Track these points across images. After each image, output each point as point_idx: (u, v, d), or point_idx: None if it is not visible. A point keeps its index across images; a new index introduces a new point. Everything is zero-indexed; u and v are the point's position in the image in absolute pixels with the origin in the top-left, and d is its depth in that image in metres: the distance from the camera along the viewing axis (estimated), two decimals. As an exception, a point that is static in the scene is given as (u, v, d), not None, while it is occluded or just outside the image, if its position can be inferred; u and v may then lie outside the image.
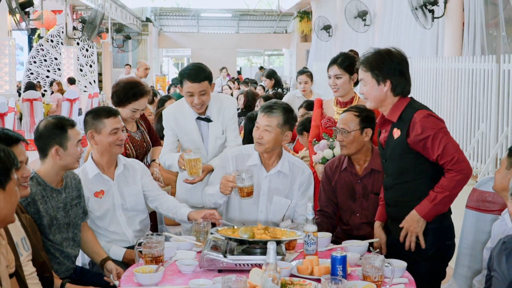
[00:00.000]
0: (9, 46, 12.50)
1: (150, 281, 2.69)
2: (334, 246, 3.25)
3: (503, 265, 2.42)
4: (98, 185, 3.61)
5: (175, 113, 4.01)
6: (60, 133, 3.19)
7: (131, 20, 22.95)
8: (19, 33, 15.13)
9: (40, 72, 16.93)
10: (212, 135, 3.98)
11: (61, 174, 3.28)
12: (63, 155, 3.18)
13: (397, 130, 3.12)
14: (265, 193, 3.61)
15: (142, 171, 3.79)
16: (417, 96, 10.79)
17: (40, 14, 11.27)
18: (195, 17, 29.83)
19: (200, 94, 3.84)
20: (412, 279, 2.81)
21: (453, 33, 9.82)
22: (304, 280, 2.67)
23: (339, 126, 3.67)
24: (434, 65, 10.02)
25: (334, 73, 4.15)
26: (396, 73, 3.15)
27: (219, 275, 2.77)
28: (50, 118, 3.32)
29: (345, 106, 4.17)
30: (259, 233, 2.96)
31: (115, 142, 3.55)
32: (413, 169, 3.11)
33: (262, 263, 2.58)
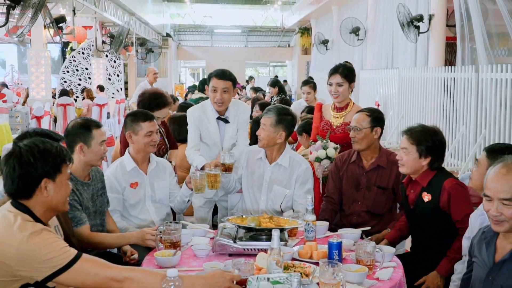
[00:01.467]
0: (45, 57, 12.54)
1: (169, 264, 2.69)
2: (331, 233, 3.25)
3: (483, 252, 2.41)
4: (134, 177, 3.68)
5: (199, 113, 4.06)
6: (85, 132, 3.22)
7: (153, 35, 22.97)
8: (54, 46, 15.16)
9: (73, 80, 16.95)
10: (227, 134, 4.06)
11: (87, 169, 3.30)
12: (87, 152, 3.21)
13: (427, 194, 3.18)
14: (267, 182, 3.72)
15: (170, 171, 3.89)
16: (407, 102, 10.76)
17: (72, 29, 11.30)
18: (209, 33, 29.88)
19: (223, 91, 3.93)
20: (400, 263, 2.80)
21: (437, 46, 9.80)
22: (304, 263, 2.67)
23: (352, 124, 3.72)
24: (420, 74, 9.99)
25: (336, 81, 4.15)
26: (437, 151, 3.22)
27: (229, 259, 2.77)
28: (79, 119, 3.36)
29: (341, 111, 4.21)
30: (265, 221, 2.99)
31: (149, 143, 3.64)
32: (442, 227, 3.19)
33: (267, 248, 2.57)
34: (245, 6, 28.25)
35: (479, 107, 7.88)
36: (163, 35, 25.82)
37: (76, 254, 2.11)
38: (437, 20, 9.68)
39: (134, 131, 3.65)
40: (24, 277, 2.06)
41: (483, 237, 2.47)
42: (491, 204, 2.26)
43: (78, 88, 16.71)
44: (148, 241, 3.12)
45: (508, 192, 2.21)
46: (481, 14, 8.05)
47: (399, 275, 2.63)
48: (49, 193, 2.21)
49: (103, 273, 2.12)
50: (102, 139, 3.27)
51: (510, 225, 2.24)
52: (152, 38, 22.56)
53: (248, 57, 30.50)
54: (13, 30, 8.42)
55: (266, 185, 3.73)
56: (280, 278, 2.18)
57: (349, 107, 4.21)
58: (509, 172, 2.22)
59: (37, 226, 2.13)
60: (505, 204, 2.21)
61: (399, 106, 11.18)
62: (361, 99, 13.73)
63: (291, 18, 25.37)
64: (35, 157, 2.18)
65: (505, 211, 2.22)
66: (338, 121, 4.19)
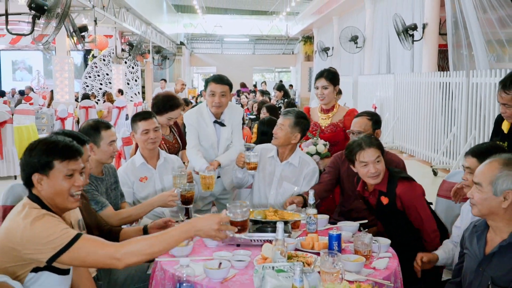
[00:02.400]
0: (68, 64, 12.60)
1: (182, 253, 2.68)
2: (331, 226, 3.23)
3: (474, 245, 2.40)
4: (142, 172, 3.70)
5: (197, 116, 4.00)
6: (94, 133, 3.22)
7: (168, 43, 23.03)
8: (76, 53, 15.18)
9: (94, 85, 17.02)
10: (223, 137, 4.01)
11: (99, 166, 3.31)
12: (97, 151, 3.21)
13: (385, 198, 3.11)
14: (277, 179, 3.69)
15: (179, 164, 3.88)
16: (401, 105, 10.73)
17: (93, 38, 11.33)
18: (220, 41, 29.95)
19: (221, 95, 3.88)
20: (395, 253, 2.78)
21: (430, 53, 9.77)
22: (307, 253, 2.66)
23: (354, 128, 3.69)
24: (414, 79, 9.96)
25: (322, 85, 4.17)
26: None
27: (237, 249, 2.76)
28: (90, 121, 3.36)
29: (328, 112, 4.25)
30: (270, 215, 2.98)
31: (147, 140, 3.64)
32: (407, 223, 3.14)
33: (272, 239, 2.57)
34: (252, 17, 28.29)
35: (469, 109, 7.86)
36: (177, 43, 25.89)
37: (76, 234, 2.08)
38: (430, 29, 9.65)
39: (134, 131, 3.69)
40: (32, 259, 2.05)
41: (474, 230, 2.46)
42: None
43: (99, 92, 16.78)
44: (170, 202, 3.19)
45: (477, 177, 2.27)
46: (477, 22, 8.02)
47: (394, 264, 2.62)
48: (43, 187, 2.16)
49: (102, 251, 2.09)
50: (111, 139, 3.26)
51: (479, 210, 2.27)
52: (167, 46, 22.62)
53: (255, 64, 30.54)
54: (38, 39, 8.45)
55: (276, 181, 3.70)
56: (284, 266, 2.18)
57: (335, 109, 4.24)
58: (489, 163, 2.27)
59: (41, 211, 2.12)
60: (477, 188, 2.27)
61: (394, 108, 11.15)
62: (359, 102, 13.70)
63: (294, 27, 25.38)
64: (29, 151, 2.17)
65: (475, 194, 2.27)
66: (326, 122, 4.22)
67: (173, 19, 25.16)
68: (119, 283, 2.94)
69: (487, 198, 2.23)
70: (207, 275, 2.37)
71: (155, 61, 20.62)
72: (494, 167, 2.24)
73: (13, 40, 21.04)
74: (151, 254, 2.14)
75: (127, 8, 14.50)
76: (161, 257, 2.65)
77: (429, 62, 9.77)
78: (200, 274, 2.39)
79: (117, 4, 13.58)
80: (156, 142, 3.68)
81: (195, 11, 23.78)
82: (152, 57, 19.85)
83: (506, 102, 3.19)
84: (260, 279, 2.13)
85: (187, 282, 2.07)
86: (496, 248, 2.26)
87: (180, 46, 26.57)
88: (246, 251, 2.70)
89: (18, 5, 10.33)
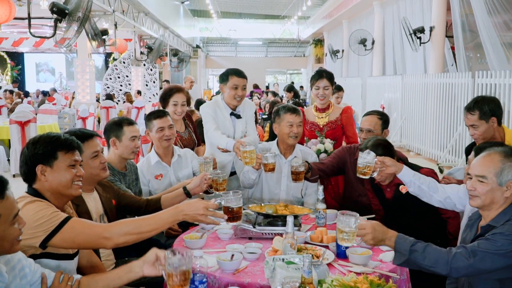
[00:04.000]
0: (89, 66, 12.69)
1: (197, 245, 2.69)
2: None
3: (467, 234, 2.42)
4: (158, 170, 3.68)
5: (215, 107, 3.94)
6: (117, 128, 3.26)
7: (184, 46, 23.09)
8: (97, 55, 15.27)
9: (115, 86, 17.11)
10: (239, 128, 3.96)
11: (122, 161, 3.34)
12: (119, 146, 3.25)
13: (404, 187, 3.10)
14: (285, 175, 3.65)
15: (191, 156, 3.85)
16: (408, 105, 10.65)
17: (114, 41, 11.39)
18: (234, 44, 29.99)
19: (242, 88, 3.88)
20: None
21: (437, 55, 9.69)
22: (316, 246, 2.65)
23: (365, 127, 3.69)
24: (422, 80, 9.89)
25: (324, 85, 4.16)
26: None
27: (249, 241, 2.76)
28: (116, 118, 3.40)
29: (323, 111, 4.25)
30: (281, 209, 2.99)
31: (162, 137, 3.63)
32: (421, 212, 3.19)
33: (282, 233, 2.57)
34: (265, 21, 28.26)
35: (474, 109, 7.77)
36: (193, 46, 25.96)
37: (66, 217, 2.09)
38: (437, 32, 9.58)
39: (149, 129, 3.68)
40: (28, 245, 2.04)
41: (468, 221, 2.50)
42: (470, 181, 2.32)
43: (120, 93, 16.88)
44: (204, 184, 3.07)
45: (482, 170, 2.26)
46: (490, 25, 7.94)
47: (400, 257, 2.60)
48: (48, 178, 2.17)
49: (91, 231, 2.10)
50: (133, 134, 3.28)
51: (482, 201, 2.27)
52: (184, 49, 22.68)
53: (268, 66, 30.54)
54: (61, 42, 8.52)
55: (285, 178, 3.66)
56: (294, 258, 2.17)
57: (331, 108, 4.25)
58: (489, 155, 2.28)
59: (32, 198, 2.13)
60: (480, 181, 2.26)
61: (402, 108, 11.08)
62: (368, 103, 13.64)
63: (306, 31, 25.33)
64: (33, 145, 2.17)
65: (478, 187, 2.27)
66: (323, 120, 4.22)
67: (190, 23, 25.23)
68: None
69: (492, 189, 2.24)
70: (220, 266, 2.37)
71: (172, 63, 20.68)
72: (496, 159, 2.25)
73: (36, 43, 21.25)
74: (139, 234, 2.16)
75: (145, 13, 14.57)
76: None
77: (435, 64, 9.69)
78: (213, 266, 2.39)
79: (136, 9, 13.65)
80: (171, 139, 3.66)
81: (211, 15, 23.84)
82: (170, 60, 19.90)
83: (473, 123, 3.32)
84: (271, 270, 2.13)
85: (200, 273, 2.07)
86: (480, 231, 2.29)
87: (196, 49, 26.64)
88: (257, 243, 2.70)
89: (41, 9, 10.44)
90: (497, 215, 2.26)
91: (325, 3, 19.07)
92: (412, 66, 11.32)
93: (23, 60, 25.65)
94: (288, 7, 22.29)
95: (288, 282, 1.87)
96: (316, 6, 20.46)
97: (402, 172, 2.89)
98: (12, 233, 1.78)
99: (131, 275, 2.03)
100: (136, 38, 16.09)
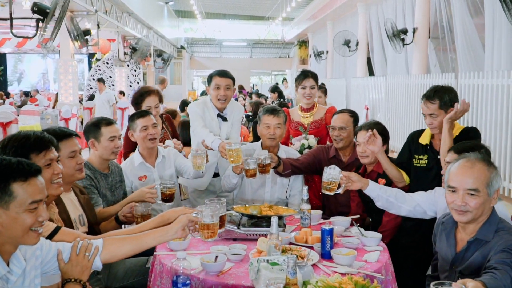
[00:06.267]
0: (72, 66, 12.55)
1: (180, 247, 2.66)
2: (324, 220, 3.21)
3: (443, 243, 2.36)
4: (141, 171, 3.63)
5: (203, 107, 3.88)
6: (95, 129, 3.22)
7: (169, 47, 22.97)
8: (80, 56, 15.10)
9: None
10: (224, 131, 3.90)
11: (104, 162, 3.28)
12: (98, 147, 3.21)
13: (382, 179, 3.23)
14: (269, 177, 3.62)
15: (174, 155, 3.80)
16: (392, 106, 10.72)
17: (96, 42, 11.28)
18: (218, 45, 29.92)
19: (225, 89, 3.81)
20: (386, 247, 2.77)
21: (420, 56, 9.76)
22: (300, 247, 2.64)
23: (336, 124, 3.71)
24: (405, 81, 9.95)
25: (310, 84, 4.23)
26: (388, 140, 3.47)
27: (234, 243, 2.74)
28: (93, 119, 3.36)
29: (308, 111, 4.31)
30: (265, 210, 2.98)
31: (146, 137, 3.56)
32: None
33: (267, 234, 2.55)
34: (250, 22, 28.26)
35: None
36: (177, 47, 25.84)
37: (55, 227, 2.06)
38: (420, 33, 9.65)
39: (133, 129, 3.61)
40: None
41: (442, 228, 2.40)
42: (456, 195, 2.19)
43: (103, 93, 16.73)
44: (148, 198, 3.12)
45: (473, 183, 2.15)
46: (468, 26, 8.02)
47: (385, 257, 2.60)
48: None
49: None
50: (112, 135, 3.22)
51: (473, 216, 2.17)
52: (168, 50, 22.56)
53: (253, 67, 30.53)
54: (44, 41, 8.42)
55: (269, 180, 3.65)
56: (278, 260, 2.16)
57: (315, 108, 4.31)
58: (474, 166, 2.17)
59: None
60: (471, 194, 2.15)
61: (386, 109, 11.15)
62: (352, 103, 13.69)
63: (290, 32, 25.37)
64: (2, 149, 2.10)
65: (469, 201, 2.15)
66: (308, 120, 4.28)
67: (174, 24, 25.11)
68: (119, 277, 2.92)
69: (484, 201, 2.16)
70: (203, 268, 2.35)
71: (156, 64, 20.57)
72: (483, 170, 2.16)
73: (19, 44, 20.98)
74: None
75: (129, 13, 14.46)
76: (159, 251, 2.63)
77: (419, 65, 9.76)
78: (197, 267, 2.37)
79: (119, 9, 13.53)
80: (155, 139, 3.61)
81: (195, 16, 23.75)
82: (154, 60, 19.79)
83: (433, 112, 3.23)
84: (255, 272, 2.11)
85: (183, 275, 2.05)
86: (465, 246, 2.22)
87: (181, 50, 26.51)
88: (242, 245, 2.69)
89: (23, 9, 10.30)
90: (481, 227, 2.18)
91: (309, 4, 19.12)
92: (395, 67, 11.39)
93: (5, 61, 25.31)
94: (273, 8, 22.31)
95: (273, 284, 1.86)
96: (300, 8, 20.50)
97: (369, 187, 2.96)
98: (25, 219, 1.71)
99: (164, 238, 2.18)
100: (120, 38, 15.96)
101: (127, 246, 2.10)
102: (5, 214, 1.68)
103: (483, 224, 2.19)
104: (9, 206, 1.68)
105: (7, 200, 1.68)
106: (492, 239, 2.13)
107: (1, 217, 1.68)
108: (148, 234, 2.18)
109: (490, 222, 2.18)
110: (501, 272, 1.89)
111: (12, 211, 1.69)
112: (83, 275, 1.96)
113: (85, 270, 1.97)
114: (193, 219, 2.22)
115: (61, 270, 1.96)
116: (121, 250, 2.10)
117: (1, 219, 1.68)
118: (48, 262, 1.93)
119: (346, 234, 2.96)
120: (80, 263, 1.96)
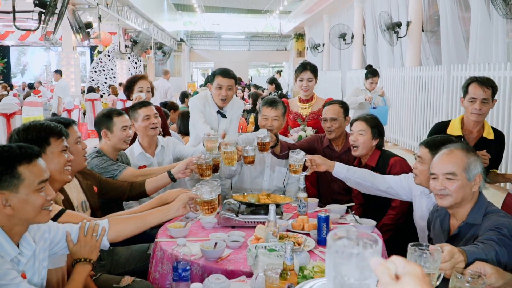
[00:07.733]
0: (74, 59, 12.50)
1: (180, 234, 2.66)
2: (320, 208, 3.22)
3: (438, 229, 2.37)
4: (141, 161, 3.62)
5: (204, 101, 3.84)
6: (107, 120, 3.24)
7: (169, 40, 22.87)
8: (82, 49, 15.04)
9: (100, 79, 16.92)
10: (221, 127, 3.86)
11: (115, 152, 3.31)
12: (111, 137, 3.22)
13: (376, 172, 3.17)
14: (268, 165, 3.65)
15: (172, 143, 3.79)
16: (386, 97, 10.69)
17: (98, 35, 11.23)
18: (217, 38, 29.82)
19: (227, 89, 3.75)
20: (380, 234, 2.78)
21: (413, 49, 9.74)
22: (297, 234, 2.65)
23: (328, 116, 3.72)
24: (399, 73, 9.94)
25: (308, 77, 4.22)
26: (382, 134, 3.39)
27: (232, 230, 2.75)
28: (104, 110, 3.36)
29: (307, 102, 4.31)
30: (263, 198, 2.98)
31: (149, 126, 3.56)
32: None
33: (265, 221, 2.55)
34: (248, 15, 28.15)
35: (450, 101, 7.85)
36: (177, 40, 25.73)
37: (60, 210, 2.09)
38: (414, 26, 9.63)
39: (134, 119, 3.59)
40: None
41: (437, 214, 2.42)
42: (437, 181, 2.22)
43: (104, 85, 16.68)
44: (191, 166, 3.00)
45: (451, 168, 2.17)
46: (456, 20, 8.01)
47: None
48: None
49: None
50: (124, 124, 3.25)
51: (453, 199, 2.19)
52: (168, 43, 22.47)
53: (251, 59, 30.45)
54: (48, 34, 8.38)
55: (267, 168, 3.65)
56: (276, 246, 2.16)
57: (314, 99, 4.31)
58: (452, 152, 2.20)
59: None
60: (449, 178, 2.17)
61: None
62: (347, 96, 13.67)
63: (287, 25, 25.28)
64: (24, 131, 2.13)
65: (448, 185, 2.17)
66: (306, 111, 4.27)
67: (173, 17, 24.98)
68: (121, 263, 2.92)
69: (462, 185, 2.16)
70: (203, 254, 2.35)
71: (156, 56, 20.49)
72: (460, 155, 2.18)
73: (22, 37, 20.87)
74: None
75: (129, 6, 14.38)
76: (160, 238, 2.64)
77: (412, 57, 9.75)
78: (197, 254, 2.37)
79: (120, 2, 13.45)
80: (157, 128, 3.61)
81: (194, 9, 23.64)
82: (154, 53, 19.72)
83: (487, 97, 3.12)
84: (253, 258, 2.11)
85: (183, 261, 2.05)
86: (456, 231, 2.23)
87: (180, 43, 26.40)
88: (240, 232, 2.69)
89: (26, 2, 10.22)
90: (470, 212, 2.19)
91: (306, -2, 19.05)
92: (390, 59, 11.36)
93: (9, 53, 25.18)
94: (270, 2, 22.21)
95: (270, 269, 1.86)
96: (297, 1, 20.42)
97: (335, 169, 2.99)
98: (36, 199, 1.73)
99: (167, 216, 2.25)
100: (121, 31, 15.88)
101: (132, 225, 2.15)
102: (15, 198, 1.70)
103: (472, 208, 2.21)
104: (18, 189, 1.70)
105: (16, 183, 1.69)
106: (482, 222, 2.16)
107: (12, 200, 1.70)
108: (151, 213, 2.23)
109: (478, 207, 2.20)
110: (485, 245, 1.91)
111: (22, 194, 1.70)
112: (92, 254, 2.00)
113: (94, 250, 2.00)
114: (193, 196, 2.29)
115: (71, 251, 1.98)
116: (127, 229, 2.15)
117: (12, 202, 1.70)
118: (57, 244, 1.95)
119: (342, 221, 2.97)
120: (89, 243, 1.99)
